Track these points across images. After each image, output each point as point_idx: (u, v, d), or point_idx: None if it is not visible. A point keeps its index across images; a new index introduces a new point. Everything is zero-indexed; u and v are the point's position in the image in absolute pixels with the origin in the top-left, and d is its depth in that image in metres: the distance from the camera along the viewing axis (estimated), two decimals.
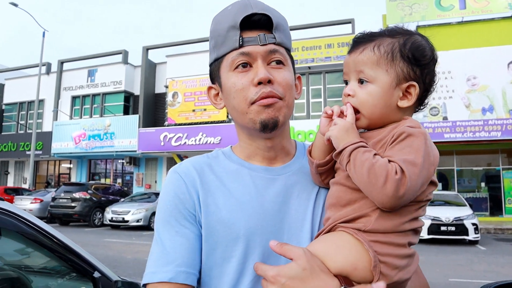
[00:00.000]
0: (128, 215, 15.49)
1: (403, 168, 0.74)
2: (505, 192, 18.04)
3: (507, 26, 18.13)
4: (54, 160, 26.77)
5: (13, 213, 1.71)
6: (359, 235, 0.79)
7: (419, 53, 0.87)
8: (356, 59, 0.89)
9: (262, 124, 0.90)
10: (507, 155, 18.35)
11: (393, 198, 0.74)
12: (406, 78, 0.86)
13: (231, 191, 0.93)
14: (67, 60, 26.52)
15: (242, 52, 0.91)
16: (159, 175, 23.79)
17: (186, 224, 0.91)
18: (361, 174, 0.77)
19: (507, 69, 16.80)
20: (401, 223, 0.80)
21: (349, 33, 19.77)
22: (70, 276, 2.01)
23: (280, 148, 0.99)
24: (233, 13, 0.91)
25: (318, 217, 0.94)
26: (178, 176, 0.95)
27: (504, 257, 9.58)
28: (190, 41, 23.46)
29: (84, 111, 25.59)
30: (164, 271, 0.86)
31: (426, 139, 0.79)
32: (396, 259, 0.79)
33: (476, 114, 16.80)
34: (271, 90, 0.89)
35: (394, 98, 0.86)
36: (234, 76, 0.92)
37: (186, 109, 21.87)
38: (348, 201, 0.84)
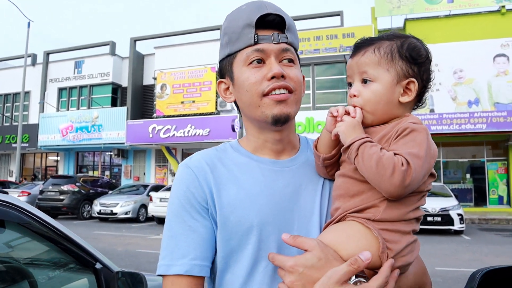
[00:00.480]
0: (116, 208, 15.43)
1: (408, 160, 0.81)
2: (489, 183, 18.42)
3: (493, 20, 18.38)
4: (41, 153, 26.49)
5: (17, 206, 1.73)
6: (369, 224, 0.86)
7: (415, 53, 0.95)
8: (358, 61, 0.96)
9: (274, 118, 0.96)
10: (492, 147, 18.71)
11: (399, 188, 0.81)
12: (406, 75, 0.93)
13: (242, 183, 0.97)
14: (53, 51, 26.12)
15: (257, 48, 0.96)
16: (148, 167, 23.72)
17: (198, 218, 0.95)
18: (369, 166, 0.83)
19: (493, 63, 17.06)
20: (406, 212, 0.87)
21: (338, 26, 19.84)
22: (72, 268, 2.04)
23: (288, 141, 1.05)
24: (248, 12, 0.97)
25: (325, 207, 0.99)
26: (190, 171, 0.99)
27: (488, 246, 9.83)
28: (178, 32, 23.31)
29: (71, 103, 25.29)
30: (179, 264, 0.92)
31: (428, 134, 0.87)
32: (402, 245, 0.86)
33: (462, 107, 17.06)
34: (283, 82, 0.95)
35: (396, 95, 0.93)
36: (248, 71, 0.97)
37: (175, 101, 21.78)
38: (356, 192, 0.90)
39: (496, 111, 16.51)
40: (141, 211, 16.04)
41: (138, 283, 2.08)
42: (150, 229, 13.54)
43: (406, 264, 0.88)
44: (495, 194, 18.34)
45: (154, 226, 14.63)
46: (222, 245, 0.95)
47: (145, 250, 9.20)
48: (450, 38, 17.99)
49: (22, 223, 1.75)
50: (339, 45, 18.88)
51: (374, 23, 19.12)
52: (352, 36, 18.90)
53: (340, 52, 18.77)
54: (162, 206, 14.54)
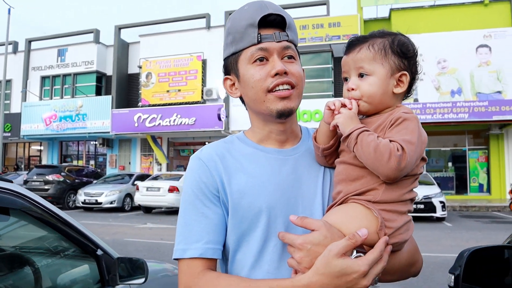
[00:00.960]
0: (101, 197, 15.35)
1: (403, 146, 0.90)
2: (470, 171, 18.88)
3: (476, 11, 18.67)
4: (24, 142, 26.09)
5: (22, 194, 1.78)
6: (369, 205, 0.95)
7: (405, 48, 1.05)
8: (355, 57, 1.05)
9: (278, 112, 1.04)
10: (473, 136, 19.14)
11: (396, 171, 0.90)
12: (398, 68, 1.03)
13: (250, 171, 1.06)
14: (35, 38, 25.58)
15: (260, 47, 1.03)
16: (133, 156, 23.59)
17: (210, 205, 1.04)
18: (368, 153, 0.92)
19: (476, 53, 17.35)
20: (402, 194, 0.97)
21: (324, 15, 19.87)
22: (74, 254, 2.10)
23: (290, 132, 1.13)
24: (250, 13, 1.04)
25: (327, 191, 1.08)
26: (201, 162, 1.07)
27: (468, 232, 10.15)
28: (164, 20, 23.07)
29: (55, 91, 24.87)
30: (193, 248, 1.01)
31: (419, 123, 0.96)
32: (399, 224, 0.96)
33: (445, 97, 17.36)
34: (287, 78, 1.03)
35: (390, 86, 1.03)
36: (252, 69, 1.05)
37: (160, 90, 21.63)
38: (356, 176, 0.99)
39: (478, 101, 16.85)
40: (126, 200, 15.98)
41: (137, 268, 2.15)
42: (137, 218, 13.56)
43: (403, 241, 0.98)
44: (475, 182, 18.81)
45: (141, 215, 14.64)
46: (234, 228, 1.04)
47: (133, 239, 9.24)
48: (434, 28, 18.23)
49: (27, 211, 1.80)
50: (325, 34, 18.94)
51: (360, 13, 19.22)
52: (338, 26, 18.98)
53: (326, 41, 18.84)
54: (148, 195, 14.54)
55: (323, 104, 1.10)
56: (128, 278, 2.09)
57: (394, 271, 1.02)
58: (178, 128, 20.10)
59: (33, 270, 1.94)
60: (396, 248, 0.99)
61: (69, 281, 2.11)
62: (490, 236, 9.39)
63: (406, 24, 18.91)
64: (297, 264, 0.91)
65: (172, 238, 1.07)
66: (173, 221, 12.74)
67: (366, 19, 19.97)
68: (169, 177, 15.75)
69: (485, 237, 9.27)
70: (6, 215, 1.80)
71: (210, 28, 21.73)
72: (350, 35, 18.66)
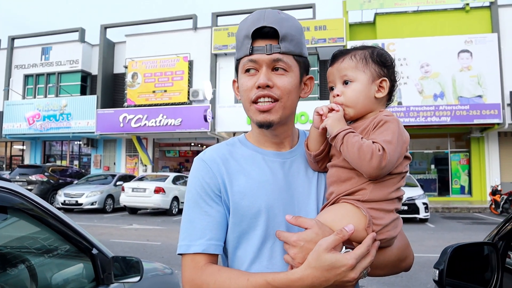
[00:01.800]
0: (82, 198, 14.91)
1: (383, 147, 0.98)
2: (452, 173, 19.26)
3: (458, 17, 19.06)
4: (6, 142, 25.60)
5: (19, 193, 1.80)
6: (358, 204, 1.02)
7: (383, 58, 1.14)
8: (339, 67, 1.14)
9: (258, 124, 1.12)
10: (455, 139, 19.53)
11: (377, 169, 0.98)
12: (379, 75, 1.12)
13: (250, 173, 1.13)
14: (18, 36, 25.15)
15: (251, 59, 1.09)
16: (118, 157, 23.39)
17: (212, 204, 1.11)
18: (352, 152, 1.00)
19: (457, 58, 17.71)
20: (389, 193, 1.04)
21: (310, 18, 20.04)
22: (69, 253, 2.13)
23: (285, 136, 1.19)
24: (248, 24, 1.09)
25: (321, 192, 1.15)
26: (204, 164, 1.14)
27: (451, 233, 10.37)
28: (150, 20, 22.94)
29: (38, 90, 24.49)
30: (197, 244, 1.08)
31: (399, 124, 1.04)
32: (386, 221, 1.03)
33: (428, 100, 17.67)
34: (267, 92, 1.08)
35: (372, 92, 1.11)
36: (243, 78, 1.12)
37: (146, 90, 21.51)
38: (346, 178, 1.07)
39: (459, 104, 17.20)
40: (108, 201, 15.57)
41: (131, 267, 2.19)
42: (122, 219, 13.47)
43: (390, 238, 1.05)
44: (457, 184, 19.19)
45: (126, 216, 14.54)
46: (235, 227, 1.11)
47: (119, 240, 9.19)
48: (418, 33, 18.55)
49: (24, 209, 1.83)
50: (311, 37, 19.11)
51: (345, 17, 19.45)
52: (324, 29, 19.17)
53: (312, 44, 19.01)
54: (134, 196, 14.43)
55: (309, 107, 1.18)
56: (123, 277, 2.13)
57: (384, 266, 1.09)
58: (164, 129, 20.02)
59: (29, 268, 1.96)
60: (385, 244, 1.06)
61: (65, 279, 2.13)
62: (471, 237, 9.61)
63: (390, 28, 19.23)
64: (292, 260, 0.99)
65: (158, 239, 1.13)
66: (159, 222, 12.69)
67: (352, 23, 20.22)
68: (154, 178, 15.67)
69: (467, 238, 9.49)
70: (4, 213, 1.83)
71: (197, 29, 21.70)
72: (335, 38, 18.88)
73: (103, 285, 2.07)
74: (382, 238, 1.03)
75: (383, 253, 1.06)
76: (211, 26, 21.09)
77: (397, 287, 5.56)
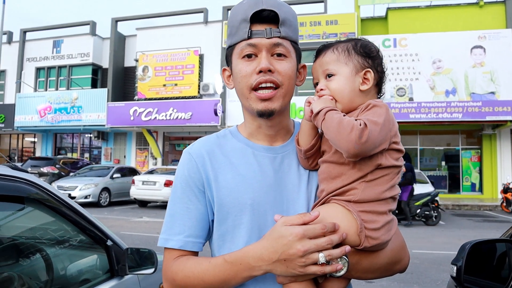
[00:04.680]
0: (75, 191, 14.27)
1: (366, 123, 0.92)
2: (463, 170, 19.07)
3: (472, 12, 18.80)
4: (17, 134, 25.89)
5: (36, 184, 1.82)
6: (349, 206, 0.97)
7: (367, 49, 1.09)
8: (321, 61, 1.10)
9: (258, 112, 1.06)
10: (466, 136, 19.32)
11: (357, 144, 0.90)
12: (362, 67, 1.07)
13: (237, 168, 1.09)
14: (30, 29, 25.33)
15: (249, 43, 1.03)
16: (128, 150, 23.53)
17: (194, 200, 1.08)
18: (332, 127, 0.94)
19: (470, 54, 17.48)
20: (382, 191, 0.98)
21: (322, 12, 19.90)
22: (84, 244, 2.15)
23: (280, 127, 1.13)
24: (246, 7, 1.03)
25: (313, 189, 1.10)
26: (190, 157, 1.11)
27: (461, 230, 10.30)
28: (161, 14, 22.94)
29: (50, 83, 24.69)
30: (175, 239, 1.07)
31: (388, 109, 0.98)
32: (379, 225, 0.97)
33: (439, 96, 17.49)
34: (270, 77, 1.02)
35: (356, 84, 1.06)
36: (241, 63, 1.05)
37: (157, 84, 21.58)
38: (337, 174, 1.01)
39: (471, 101, 17.00)
40: (103, 194, 14.86)
41: (145, 259, 2.22)
42: (132, 212, 13.58)
43: (384, 242, 0.99)
44: (468, 181, 19.01)
45: (136, 209, 14.66)
46: (219, 225, 1.08)
47: (129, 232, 9.27)
48: (430, 28, 18.34)
49: (40, 200, 1.85)
50: (322, 32, 19.00)
51: (357, 11, 19.28)
52: (335, 23, 19.04)
53: (323, 39, 18.88)
54: (144, 189, 14.53)
55: None
56: (137, 269, 2.15)
57: (375, 269, 1.02)
58: (174, 123, 20.08)
59: (45, 258, 1.99)
60: (378, 248, 1.00)
61: (79, 270, 2.16)
62: (482, 235, 9.53)
63: (402, 23, 19.03)
64: None
65: None
66: None
67: (363, 17, 20.04)
68: (164, 171, 15.75)
69: (477, 236, 9.41)
70: (21, 203, 1.86)
71: (208, 23, 21.67)
72: (347, 33, 18.74)
73: (118, 276, 2.09)
74: (375, 244, 0.96)
75: (375, 256, 1.00)
76: (222, 19, 21.05)
77: (407, 283, 5.54)
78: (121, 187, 15.73)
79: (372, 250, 0.99)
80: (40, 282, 1.93)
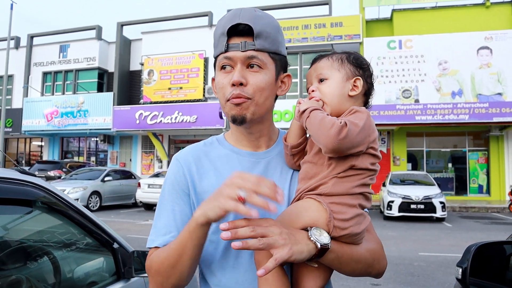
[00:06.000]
0: None
1: (346, 122, 0.98)
2: (470, 172, 18.94)
3: (478, 12, 18.72)
4: (25, 138, 26.12)
5: (44, 188, 1.84)
6: (319, 198, 1.03)
7: (359, 61, 1.17)
8: (315, 67, 1.17)
9: (232, 118, 1.11)
10: (473, 137, 19.19)
11: (335, 139, 0.96)
12: (353, 74, 1.14)
13: (222, 173, 1.14)
14: (37, 34, 25.58)
15: (226, 56, 1.09)
16: (134, 153, 23.64)
17: (180, 203, 1.14)
18: (314, 123, 1.01)
19: (476, 55, 17.40)
20: (352, 187, 1.03)
21: (326, 15, 19.92)
22: (91, 247, 2.17)
23: (260, 135, 1.19)
24: (224, 21, 1.10)
25: (294, 192, 1.14)
26: (177, 162, 1.18)
27: (468, 232, 10.22)
28: (166, 18, 23.08)
29: (56, 87, 24.89)
30: (160, 240, 1.10)
31: (369, 116, 1.04)
32: (348, 216, 1.02)
33: (446, 98, 17.41)
34: (239, 92, 1.08)
35: (346, 90, 1.12)
36: (219, 75, 1.13)
37: (162, 87, 21.68)
38: (313, 174, 1.07)
39: (478, 102, 16.90)
40: (92, 198, 14.38)
41: None
42: (138, 215, 13.63)
43: (353, 234, 1.03)
44: (475, 183, 18.88)
45: (142, 212, 14.71)
46: None
47: (136, 235, 9.31)
48: (436, 30, 18.27)
49: (48, 203, 1.87)
50: (327, 34, 18.99)
51: (362, 13, 19.26)
52: (340, 26, 19.03)
53: (328, 41, 18.89)
54: (150, 192, 14.59)
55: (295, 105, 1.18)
56: (143, 271, 2.16)
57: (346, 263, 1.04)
58: (179, 126, 20.15)
59: (52, 261, 2.00)
60: (349, 241, 1.03)
61: (86, 273, 2.17)
62: (490, 237, 9.46)
63: (407, 25, 18.98)
64: None
65: None
66: None
67: (368, 19, 20.02)
68: None
69: (485, 238, 9.33)
70: (29, 207, 1.88)
71: (212, 26, 21.75)
72: (352, 35, 18.73)
73: (124, 278, 2.10)
74: (344, 234, 1.01)
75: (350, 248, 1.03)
76: None
77: (414, 286, 5.51)
78: (114, 191, 15.38)
79: (344, 241, 1.03)
80: (48, 284, 1.95)
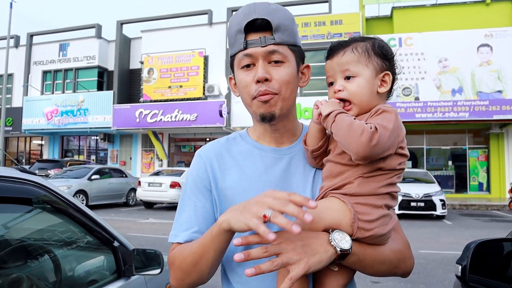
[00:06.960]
0: None
1: (376, 127, 0.93)
2: (470, 170, 18.95)
3: (478, 10, 18.69)
4: (25, 137, 26.11)
5: (44, 186, 1.85)
6: (344, 198, 0.99)
7: (385, 50, 1.09)
8: (339, 61, 1.08)
9: (261, 116, 1.10)
10: (473, 135, 19.19)
11: (366, 146, 0.92)
12: (381, 69, 1.08)
13: (244, 169, 1.14)
14: (37, 33, 25.54)
15: (246, 53, 1.07)
16: (134, 152, 23.64)
17: (201, 199, 1.14)
18: (342, 129, 0.96)
19: (477, 52, 17.38)
20: (378, 187, 0.99)
21: (326, 12, 19.88)
22: (91, 245, 2.17)
23: (285, 131, 1.17)
24: (239, 18, 1.07)
25: (318, 189, 1.11)
26: (200, 158, 1.19)
27: (468, 230, 10.23)
28: (166, 16, 23.03)
29: (56, 86, 24.86)
30: (182, 235, 1.11)
31: (397, 116, 0.99)
32: (373, 217, 0.98)
33: (446, 95, 17.40)
34: (266, 88, 1.06)
35: (375, 86, 1.07)
36: (241, 74, 1.10)
37: (162, 86, 21.66)
38: (338, 173, 1.03)
39: (478, 100, 16.89)
40: (78, 197, 13.66)
41: (152, 259, 2.23)
42: (138, 214, 13.64)
43: (378, 235, 0.99)
44: (475, 181, 18.89)
45: (142, 210, 14.72)
46: None
47: (136, 233, 9.33)
48: (436, 27, 18.25)
49: (48, 202, 1.87)
50: (327, 32, 18.97)
51: (362, 11, 19.24)
52: (340, 23, 19.00)
53: (327, 39, 18.86)
54: (150, 190, 14.61)
55: (313, 102, 1.14)
56: (144, 269, 2.17)
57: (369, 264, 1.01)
58: (179, 124, 20.14)
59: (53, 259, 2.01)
60: (374, 242, 1.00)
61: (87, 271, 2.18)
62: (490, 234, 9.47)
63: (407, 22, 18.95)
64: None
65: None
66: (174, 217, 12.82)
67: (368, 17, 19.99)
68: (170, 172, 15.79)
69: (485, 235, 9.34)
70: (30, 205, 1.88)
71: (212, 25, 21.73)
72: (351, 32, 18.70)
73: (124, 277, 2.11)
74: (368, 235, 0.97)
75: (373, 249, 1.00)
76: (226, 21, 21.09)
77: (414, 284, 5.52)
78: (102, 189, 14.94)
79: (368, 243, 1.00)
80: (49, 283, 1.95)
